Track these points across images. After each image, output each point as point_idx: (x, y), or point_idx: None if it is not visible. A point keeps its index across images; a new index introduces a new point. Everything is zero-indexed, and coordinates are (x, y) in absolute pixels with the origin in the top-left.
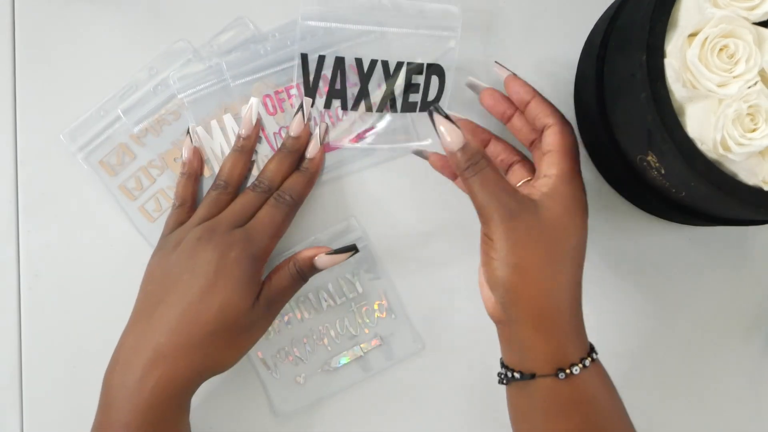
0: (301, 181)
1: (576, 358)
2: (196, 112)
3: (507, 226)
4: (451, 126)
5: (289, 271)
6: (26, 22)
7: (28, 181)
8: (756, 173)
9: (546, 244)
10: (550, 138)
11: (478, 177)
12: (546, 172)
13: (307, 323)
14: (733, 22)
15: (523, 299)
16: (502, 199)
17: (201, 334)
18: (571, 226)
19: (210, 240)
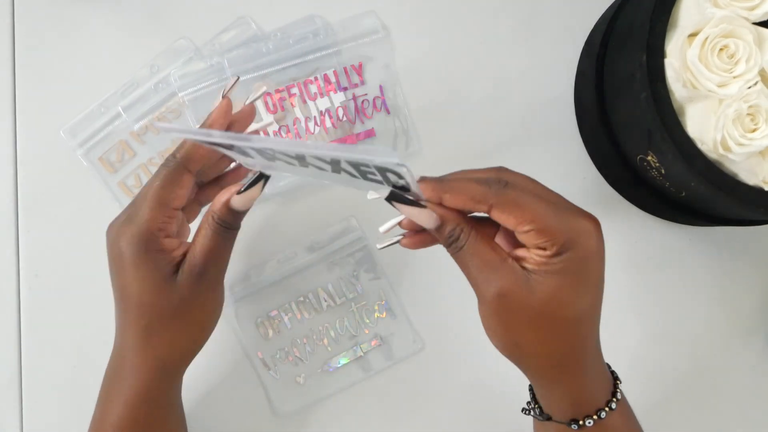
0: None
1: (592, 408)
2: (196, 111)
3: (498, 306)
4: (416, 211)
5: (209, 227)
6: (26, 19)
7: (28, 180)
8: (756, 173)
9: (547, 320)
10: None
11: (460, 254)
12: (532, 245)
13: (307, 323)
14: (734, 22)
15: (534, 368)
16: (490, 278)
17: (140, 332)
18: (577, 292)
19: (108, 228)
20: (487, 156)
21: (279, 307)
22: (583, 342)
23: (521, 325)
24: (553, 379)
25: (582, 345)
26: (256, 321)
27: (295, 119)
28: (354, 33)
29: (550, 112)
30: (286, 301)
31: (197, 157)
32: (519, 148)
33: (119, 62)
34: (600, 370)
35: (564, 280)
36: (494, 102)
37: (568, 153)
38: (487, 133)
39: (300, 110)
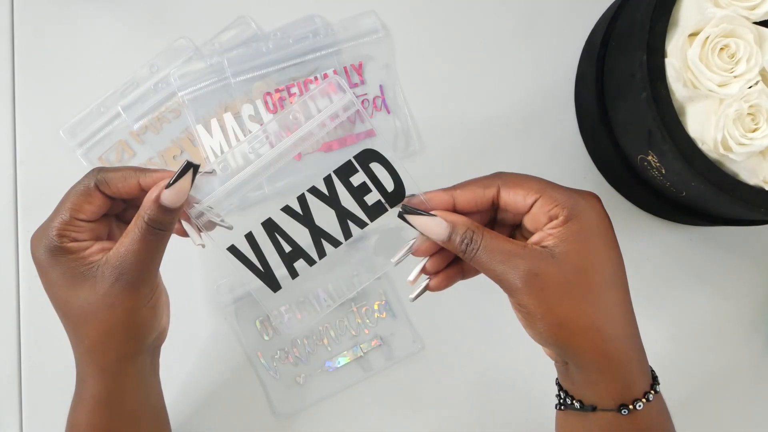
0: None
1: (640, 392)
2: (196, 111)
3: (532, 289)
4: (427, 219)
5: (137, 229)
6: (26, 19)
7: (28, 180)
8: (757, 173)
9: (582, 288)
10: (515, 196)
11: (479, 253)
12: (546, 216)
13: (307, 324)
14: (734, 21)
15: (582, 350)
16: (516, 264)
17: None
18: (600, 255)
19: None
20: (487, 155)
21: (279, 308)
22: (626, 308)
23: (559, 300)
24: (611, 357)
25: (626, 312)
26: (256, 321)
27: None
28: (354, 33)
29: (551, 111)
30: (285, 302)
31: (113, 185)
32: (519, 148)
33: (119, 62)
34: (643, 354)
35: (586, 243)
36: (494, 102)
37: (568, 153)
38: (487, 132)
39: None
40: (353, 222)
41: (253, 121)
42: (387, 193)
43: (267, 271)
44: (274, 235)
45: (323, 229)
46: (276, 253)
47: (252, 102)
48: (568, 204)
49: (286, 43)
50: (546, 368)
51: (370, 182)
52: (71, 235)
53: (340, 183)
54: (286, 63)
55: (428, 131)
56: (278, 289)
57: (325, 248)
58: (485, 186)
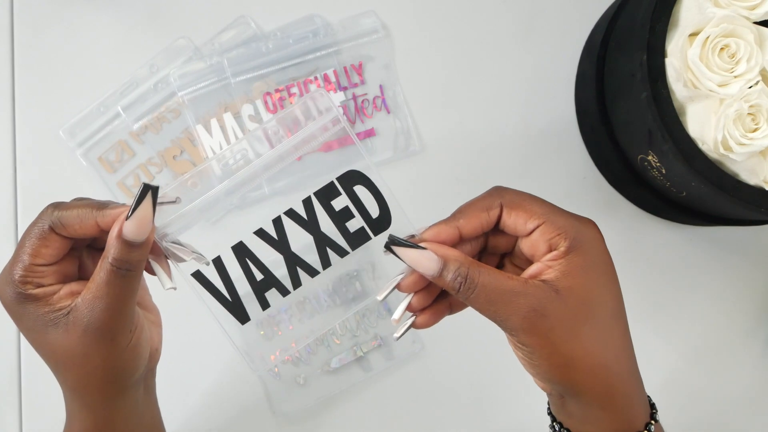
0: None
1: (641, 425)
2: (195, 111)
3: (537, 329)
4: (416, 253)
5: (103, 272)
6: (25, 19)
7: (27, 179)
8: (757, 173)
9: (588, 326)
10: (517, 219)
11: (477, 292)
12: (547, 244)
13: (307, 324)
14: (734, 21)
15: (587, 388)
16: (519, 304)
17: (54, 369)
18: (603, 289)
19: None
20: (487, 155)
21: (279, 308)
22: (626, 344)
23: (566, 340)
24: (613, 394)
25: (627, 347)
26: (256, 321)
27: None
28: (354, 33)
29: (551, 112)
30: (286, 302)
31: (70, 227)
32: (519, 148)
33: (118, 62)
34: (641, 386)
35: (589, 277)
36: (494, 101)
37: (568, 153)
38: (487, 132)
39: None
40: (332, 249)
41: (253, 121)
42: (371, 219)
43: (235, 301)
44: (245, 261)
45: (299, 257)
46: (246, 282)
47: (252, 102)
48: (571, 233)
49: (286, 43)
50: None
51: (354, 207)
52: (34, 281)
53: (321, 206)
54: (286, 63)
55: (428, 131)
56: (246, 321)
57: (300, 278)
58: (488, 208)
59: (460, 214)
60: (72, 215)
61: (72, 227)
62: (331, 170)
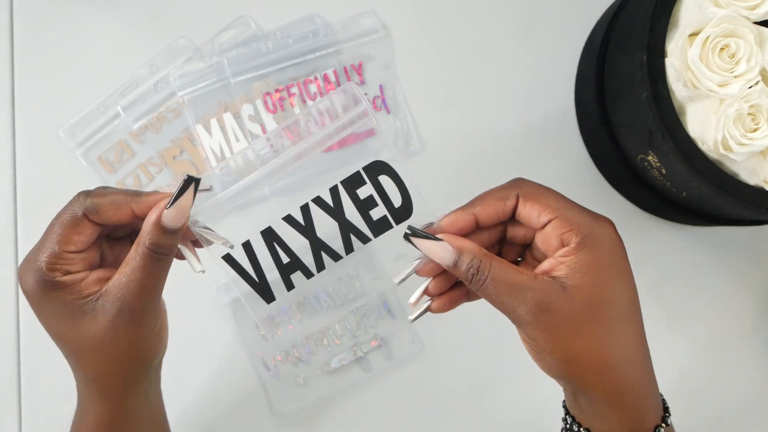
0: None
1: (651, 426)
2: (195, 110)
3: (542, 323)
4: (433, 244)
5: (138, 256)
6: (25, 19)
7: (27, 180)
8: (757, 173)
9: (594, 324)
10: (531, 211)
11: (487, 284)
12: (558, 239)
13: (307, 324)
14: (734, 21)
15: (593, 386)
16: (526, 297)
17: (73, 361)
18: (614, 288)
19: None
20: (487, 155)
21: (279, 308)
22: (639, 342)
23: (570, 336)
24: (624, 393)
25: (639, 345)
26: (256, 322)
27: (294, 120)
28: (354, 33)
29: (551, 111)
30: (286, 302)
31: (104, 213)
32: (519, 148)
33: (118, 62)
34: (654, 386)
35: (599, 275)
36: (494, 101)
37: (568, 153)
38: (487, 132)
39: (300, 110)
40: (356, 236)
41: (253, 121)
42: (394, 209)
43: (262, 282)
44: (273, 245)
45: (324, 242)
46: (273, 264)
47: (252, 102)
48: (583, 230)
49: (286, 43)
50: None
51: (378, 196)
52: (63, 268)
53: (346, 194)
54: (285, 63)
55: (428, 131)
56: (272, 301)
57: (324, 261)
58: (505, 197)
59: (477, 201)
60: (107, 202)
61: (106, 213)
62: (331, 170)
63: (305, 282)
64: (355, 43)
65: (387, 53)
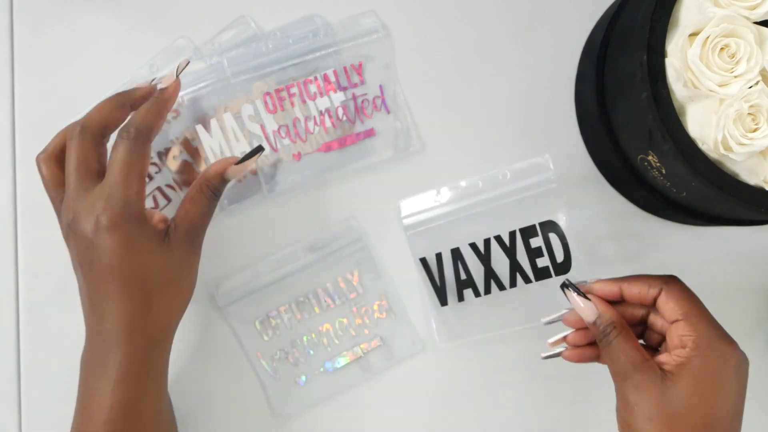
0: (145, 109)
1: None
2: (195, 111)
3: (630, 400)
4: (581, 300)
5: (203, 195)
6: (24, 19)
7: (27, 180)
8: (757, 173)
9: (674, 422)
10: (666, 305)
11: (609, 348)
12: (678, 339)
13: (306, 324)
14: (735, 21)
15: None
16: (629, 374)
17: (136, 308)
18: (709, 399)
19: (76, 222)
20: (487, 155)
21: (278, 308)
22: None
23: (651, 423)
24: None
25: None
26: (256, 321)
27: (294, 119)
28: (354, 33)
29: (551, 111)
30: (285, 302)
31: (155, 127)
32: (519, 148)
33: (118, 61)
34: None
35: (697, 383)
36: (494, 101)
37: (568, 153)
38: (487, 132)
39: (300, 110)
40: (521, 275)
41: (253, 121)
42: (556, 263)
43: (442, 287)
44: (457, 262)
45: (495, 272)
46: (453, 277)
47: (252, 102)
48: (704, 340)
49: (286, 43)
50: (547, 370)
51: (545, 248)
52: (144, 199)
53: (521, 241)
54: (285, 63)
55: (428, 131)
56: (445, 305)
57: (491, 287)
58: (651, 285)
59: (628, 278)
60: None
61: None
62: (332, 168)
63: (473, 298)
64: (355, 43)
65: (387, 53)
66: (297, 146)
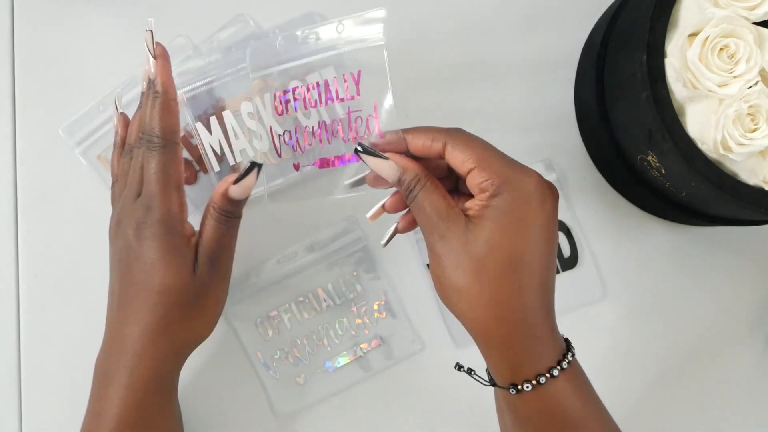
0: (156, 113)
1: (531, 373)
2: (195, 109)
3: (438, 251)
4: (379, 161)
5: (212, 217)
6: (25, 19)
7: (27, 179)
8: (757, 173)
9: (480, 265)
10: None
11: (415, 202)
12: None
13: (306, 324)
14: (734, 21)
15: (469, 319)
16: (436, 224)
17: (158, 320)
18: (511, 236)
19: (120, 224)
20: None
21: (278, 308)
22: (521, 293)
23: (459, 270)
24: (492, 334)
25: (520, 297)
26: (256, 321)
27: (297, 126)
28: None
29: (550, 111)
30: (285, 302)
31: (176, 128)
32: (519, 148)
33: (117, 60)
34: (547, 334)
35: (498, 222)
36: (494, 102)
37: (568, 153)
38: (487, 132)
39: (302, 116)
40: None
41: (253, 119)
42: (563, 258)
43: None
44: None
45: None
46: None
47: (251, 100)
48: (499, 180)
49: (287, 41)
50: None
51: None
52: (184, 210)
53: None
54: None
55: None
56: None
57: None
58: (434, 138)
59: (412, 129)
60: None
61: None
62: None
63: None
64: (356, 47)
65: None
66: (297, 156)
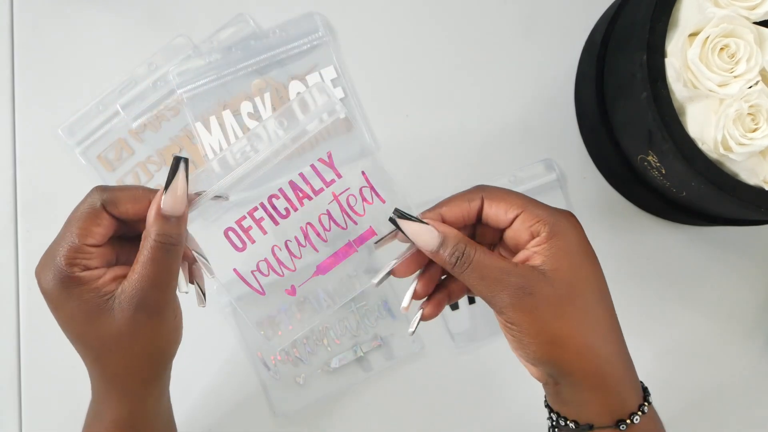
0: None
1: (634, 406)
2: (194, 108)
3: (525, 307)
4: (418, 226)
5: (147, 250)
6: (25, 18)
7: (27, 179)
8: (757, 173)
9: (574, 306)
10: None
11: (469, 270)
12: (528, 232)
13: (306, 324)
14: (734, 21)
15: (575, 368)
16: (509, 282)
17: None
18: (587, 272)
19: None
20: (489, 156)
21: (279, 308)
22: (613, 327)
23: (554, 320)
24: (597, 374)
25: (612, 330)
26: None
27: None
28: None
29: (551, 111)
30: (285, 302)
31: (122, 206)
32: (519, 148)
33: (117, 60)
34: (632, 369)
35: (572, 260)
36: (495, 102)
37: (568, 153)
38: (487, 133)
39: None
40: None
41: (252, 119)
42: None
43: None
44: None
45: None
46: None
47: (251, 99)
48: (550, 220)
49: (286, 40)
50: None
51: None
52: (82, 263)
53: None
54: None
55: (428, 131)
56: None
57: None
58: (470, 199)
59: (443, 203)
60: (126, 195)
61: (125, 206)
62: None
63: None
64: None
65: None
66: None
